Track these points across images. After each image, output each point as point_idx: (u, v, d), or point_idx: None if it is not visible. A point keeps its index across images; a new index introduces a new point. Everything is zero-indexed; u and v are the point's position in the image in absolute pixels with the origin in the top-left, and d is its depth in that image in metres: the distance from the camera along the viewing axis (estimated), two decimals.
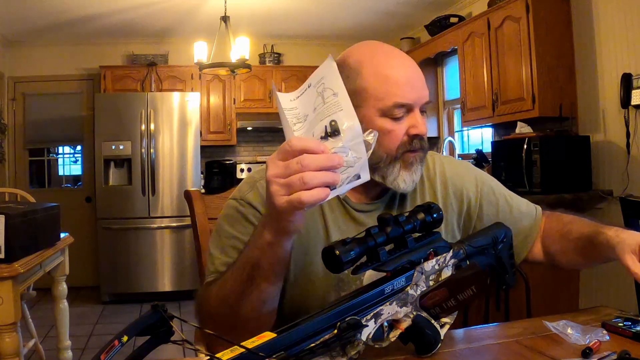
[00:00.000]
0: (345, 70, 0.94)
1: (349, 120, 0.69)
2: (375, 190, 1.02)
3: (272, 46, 5.36)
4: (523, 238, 1.10)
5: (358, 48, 0.99)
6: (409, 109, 0.93)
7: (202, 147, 4.83)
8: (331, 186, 0.68)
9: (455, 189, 1.09)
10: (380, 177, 0.95)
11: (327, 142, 0.70)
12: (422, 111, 0.97)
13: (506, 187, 1.16)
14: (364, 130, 0.70)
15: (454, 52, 4.17)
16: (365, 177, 0.71)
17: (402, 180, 0.95)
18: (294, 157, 0.68)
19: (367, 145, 0.70)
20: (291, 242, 0.80)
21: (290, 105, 0.74)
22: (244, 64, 3.86)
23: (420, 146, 0.96)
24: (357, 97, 0.92)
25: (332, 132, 0.70)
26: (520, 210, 1.11)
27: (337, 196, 0.99)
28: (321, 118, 0.71)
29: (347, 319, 0.70)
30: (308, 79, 0.74)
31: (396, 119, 0.93)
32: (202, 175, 5.05)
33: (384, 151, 0.93)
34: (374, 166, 0.93)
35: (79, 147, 5.37)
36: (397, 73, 0.94)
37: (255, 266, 0.81)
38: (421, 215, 0.82)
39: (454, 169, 1.11)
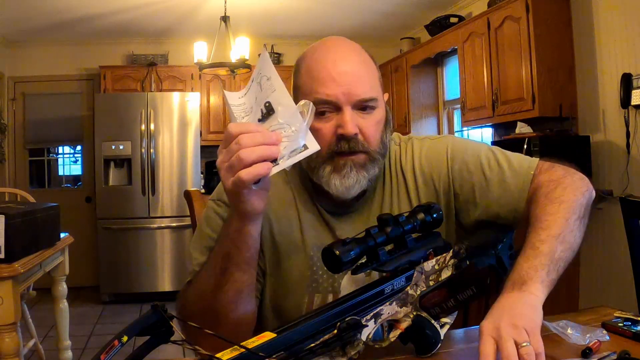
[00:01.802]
0: (294, 67, 0.97)
1: (281, 98, 0.73)
2: None
3: (272, 46, 5.36)
4: (508, 212, 0.96)
5: (311, 46, 0.98)
6: (335, 106, 0.89)
7: (202, 147, 4.82)
8: (274, 161, 0.71)
9: (424, 179, 1.00)
10: (317, 179, 0.92)
11: (264, 123, 0.74)
12: (364, 109, 0.91)
13: None
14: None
15: (454, 52, 4.17)
16: (314, 146, 0.73)
17: (334, 184, 0.90)
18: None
19: (303, 115, 0.73)
20: (257, 227, 0.81)
21: (239, 102, 0.78)
22: (243, 64, 3.86)
23: (348, 148, 0.89)
24: (294, 95, 0.93)
25: (267, 112, 0.74)
26: (501, 183, 0.95)
27: (311, 198, 0.99)
28: (259, 104, 0.75)
29: (347, 319, 0.70)
30: (252, 75, 0.78)
31: (321, 116, 0.89)
32: (202, 175, 5.05)
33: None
34: (312, 167, 0.92)
35: (79, 147, 5.37)
36: (324, 68, 0.90)
37: (226, 256, 0.82)
38: (421, 215, 0.82)
39: (424, 155, 1.02)
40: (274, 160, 0.71)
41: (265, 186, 0.76)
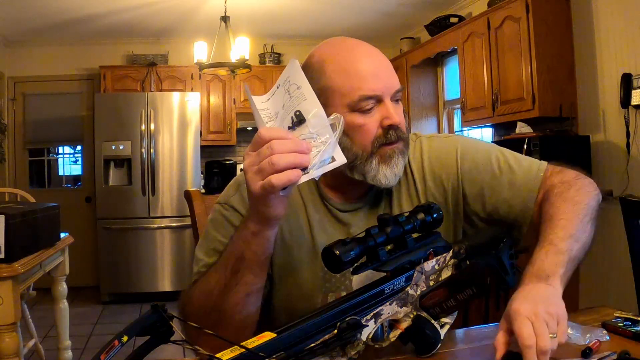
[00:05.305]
0: (309, 71, 0.93)
1: (312, 108, 0.74)
2: (359, 189, 1.00)
3: (272, 46, 5.36)
4: (519, 212, 0.98)
5: (321, 47, 0.98)
6: (378, 100, 0.91)
7: (202, 147, 4.83)
8: (303, 170, 0.72)
9: (434, 177, 1.02)
10: (360, 174, 0.93)
11: (295, 131, 0.75)
12: (396, 100, 0.94)
13: None
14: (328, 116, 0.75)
15: (454, 52, 4.17)
16: (341, 159, 0.74)
17: (383, 175, 0.92)
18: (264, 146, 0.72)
19: (334, 128, 0.74)
20: (274, 232, 0.82)
21: (262, 106, 0.78)
22: (244, 64, 3.86)
23: (396, 137, 0.92)
24: (324, 97, 0.89)
25: (298, 121, 0.75)
26: (511, 184, 0.98)
27: (321, 198, 1.00)
28: (288, 111, 0.75)
29: (347, 319, 0.70)
30: (277, 81, 0.78)
31: (366, 112, 0.91)
32: (202, 175, 5.05)
33: (359, 147, 0.91)
34: (351, 164, 0.92)
35: (79, 147, 5.37)
36: (360, 65, 0.92)
37: (239, 258, 0.82)
38: (421, 215, 0.82)
39: (433, 154, 1.04)
40: (304, 169, 0.72)
41: (289, 193, 0.77)
